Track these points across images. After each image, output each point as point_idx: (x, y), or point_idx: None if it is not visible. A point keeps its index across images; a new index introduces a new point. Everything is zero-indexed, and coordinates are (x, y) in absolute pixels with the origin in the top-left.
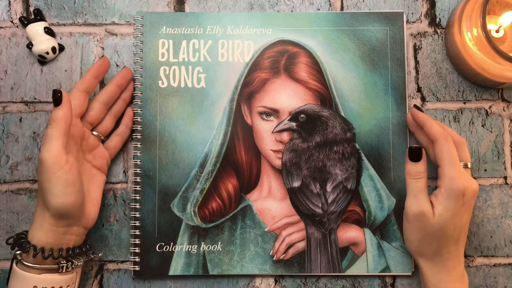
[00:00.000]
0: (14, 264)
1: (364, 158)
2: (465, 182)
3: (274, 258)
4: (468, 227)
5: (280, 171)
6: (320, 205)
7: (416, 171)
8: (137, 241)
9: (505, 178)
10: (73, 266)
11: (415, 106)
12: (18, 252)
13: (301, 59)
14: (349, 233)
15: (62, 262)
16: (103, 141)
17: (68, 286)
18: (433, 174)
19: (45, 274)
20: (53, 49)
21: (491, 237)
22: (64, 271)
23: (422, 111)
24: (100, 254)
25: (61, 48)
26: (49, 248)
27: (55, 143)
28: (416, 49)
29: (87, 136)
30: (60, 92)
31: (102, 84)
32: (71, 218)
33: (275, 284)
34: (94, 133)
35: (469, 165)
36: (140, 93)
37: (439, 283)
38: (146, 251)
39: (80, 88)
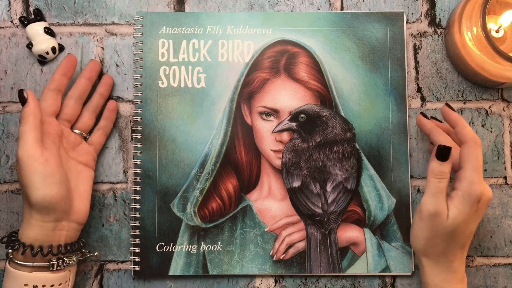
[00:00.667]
0: (7, 263)
1: (364, 158)
2: (482, 189)
3: (274, 258)
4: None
5: (280, 171)
6: (320, 205)
7: (440, 171)
8: (137, 241)
9: (505, 178)
10: (64, 264)
11: (447, 104)
12: (9, 250)
13: (301, 59)
14: (349, 233)
15: (52, 260)
16: (86, 138)
17: (60, 284)
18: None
19: (36, 272)
20: (53, 49)
21: (491, 237)
22: (55, 269)
23: (454, 110)
24: (96, 253)
25: (61, 48)
26: (38, 245)
27: (27, 138)
28: (416, 49)
29: (66, 134)
30: (24, 91)
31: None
32: (56, 211)
33: (275, 284)
34: (76, 131)
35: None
36: (140, 93)
37: (440, 283)
38: (146, 251)
39: (50, 87)
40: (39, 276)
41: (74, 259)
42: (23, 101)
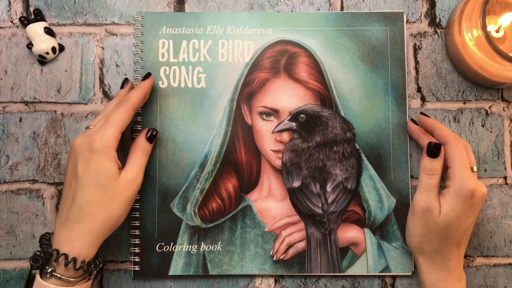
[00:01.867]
0: (38, 277)
1: (364, 158)
2: (474, 185)
3: (274, 258)
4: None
5: (280, 171)
6: (320, 205)
7: (431, 167)
8: (137, 241)
9: (505, 178)
10: (95, 275)
11: (422, 113)
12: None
13: (301, 59)
14: (349, 233)
15: (91, 270)
16: None
17: None
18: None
19: (79, 285)
20: (53, 49)
21: (491, 237)
22: (91, 277)
23: (429, 117)
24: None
25: (61, 48)
26: (82, 260)
27: (139, 162)
28: (416, 49)
29: None
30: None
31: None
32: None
33: (275, 284)
34: None
35: (475, 169)
36: None
37: (437, 281)
38: (146, 251)
39: (133, 106)
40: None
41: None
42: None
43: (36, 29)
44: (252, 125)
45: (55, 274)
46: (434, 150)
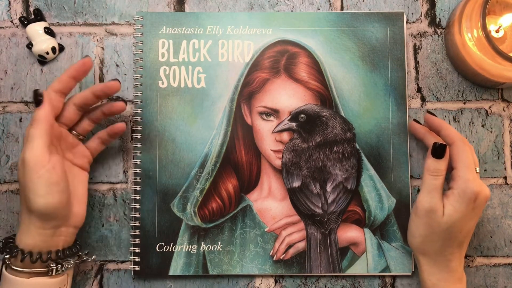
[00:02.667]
0: (3, 269)
1: (364, 158)
2: (478, 187)
3: (274, 258)
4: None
5: (280, 171)
6: (320, 205)
7: (436, 168)
8: (137, 241)
9: (505, 178)
10: (63, 268)
11: (429, 111)
12: (6, 256)
13: (301, 59)
14: (349, 233)
15: (51, 265)
16: (83, 140)
17: None
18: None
19: (34, 278)
20: (53, 49)
21: (491, 237)
22: (54, 274)
23: (436, 116)
24: (94, 256)
25: (61, 48)
26: (37, 252)
27: (38, 142)
28: (416, 49)
29: (65, 135)
30: (41, 93)
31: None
32: (57, 218)
33: (275, 284)
34: (74, 132)
35: (477, 170)
36: (140, 93)
37: (438, 282)
38: (146, 251)
39: (55, 88)
40: (37, 282)
41: (72, 262)
42: (38, 102)
43: (36, 29)
44: (252, 125)
45: (9, 264)
46: (439, 150)
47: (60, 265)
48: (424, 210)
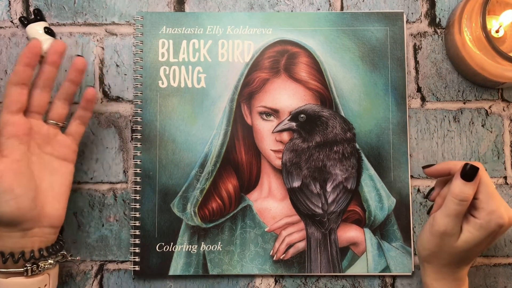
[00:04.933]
0: None
1: (364, 158)
2: (505, 218)
3: (274, 258)
4: None
5: (280, 171)
6: (320, 205)
7: (462, 192)
8: (137, 241)
9: (505, 178)
10: (39, 269)
11: (423, 167)
12: None
13: (301, 59)
14: (349, 233)
15: (26, 266)
16: (63, 128)
17: None
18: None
19: (11, 278)
20: None
21: None
22: (30, 274)
23: (431, 166)
24: (78, 257)
25: None
26: (9, 252)
27: None
28: (416, 49)
29: (37, 127)
30: None
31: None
32: (21, 223)
33: (275, 284)
34: (50, 121)
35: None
36: (140, 93)
37: (440, 287)
38: (146, 251)
39: (13, 81)
40: (14, 282)
41: (52, 262)
42: None
43: (36, 29)
44: (252, 125)
45: None
46: (469, 172)
47: (35, 265)
48: (439, 231)
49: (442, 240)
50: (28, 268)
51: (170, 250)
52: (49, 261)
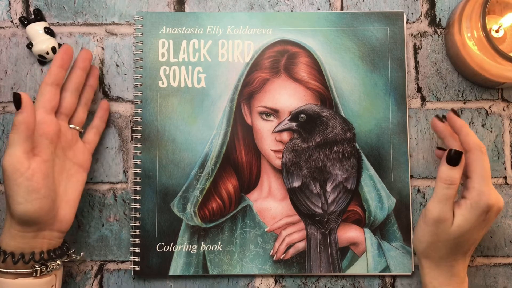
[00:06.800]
0: None
1: (364, 158)
2: (493, 199)
3: (274, 258)
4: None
5: (280, 171)
6: (320, 205)
7: (449, 176)
8: (137, 241)
9: (505, 178)
10: (48, 269)
11: (453, 110)
12: None
13: (301, 59)
14: (349, 233)
15: (36, 266)
16: (81, 134)
17: None
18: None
19: (20, 279)
20: (53, 49)
21: (491, 237)
22: (38, 275)
23: (459, 116)
24: (82, 253)
25: None
26: (19, 253)
27: (15, 149)
28: (416, 49)
29: (64, 130)
30: (19, 95)
31: None
32: (38, 224)
33: (275, 284)
34: (71, 126)
35: None
36: (140, 93)
37: (439, 285)
38: (146, 251)
39: (47, 82)
40: (23, 283)
41: (59, 263)
42: (17, 105)
43: (36, 29)
44: (252, 125)
45: None
46: (454, 157)
47: (44, 266)
48: (432, 219)
49: (437, 228)
50: (37, 268)
51: (170, 250)
52: (57, 261)
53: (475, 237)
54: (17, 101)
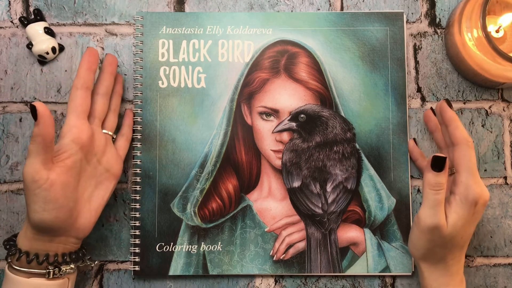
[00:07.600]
0: (6, 267)
1: (364, 158)
2: (479, 191)
3: (274, 258)
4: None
5: (280, 171)
6: (320, 205)
7: (436, 182)
8: (137, 241)
9: (505, 178)
10: (61, 272)
11: (447, 100)
12: (8, 254)
13: (301, 59)
14: (349, 233)
15: (49, 268)
16: (113, 139)
17: None
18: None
19: (33, 279)
20: (53, 49)
21: (491, 237)
22: (51, 277)
23: (452, 107)
24: (96, 262)
25: (61, 48)
26: (34, 253)
27: (33, 160)
28: (416, 49)
29: (97, 135)
30: (35, 106)
31: None
32: (54, 232)
33: (275, 284)
34: (104, 131)
35: None
36: (140, 93)
37: (439, 286)
38: (146, 251)
39: (77, 85)
40: (36, 283)
41: (72, 267)
42: (34, 117)
43: (36, 29)
44: (252, 125)
45: (10, 262)
46: (438, 164)
47: (58, 269)
48: (427, 227)
49: (432, 235)
50: (50, 270)
51: (170, 250)
52: (71, 265)
53: (468, 231)
54: (33, 112)
